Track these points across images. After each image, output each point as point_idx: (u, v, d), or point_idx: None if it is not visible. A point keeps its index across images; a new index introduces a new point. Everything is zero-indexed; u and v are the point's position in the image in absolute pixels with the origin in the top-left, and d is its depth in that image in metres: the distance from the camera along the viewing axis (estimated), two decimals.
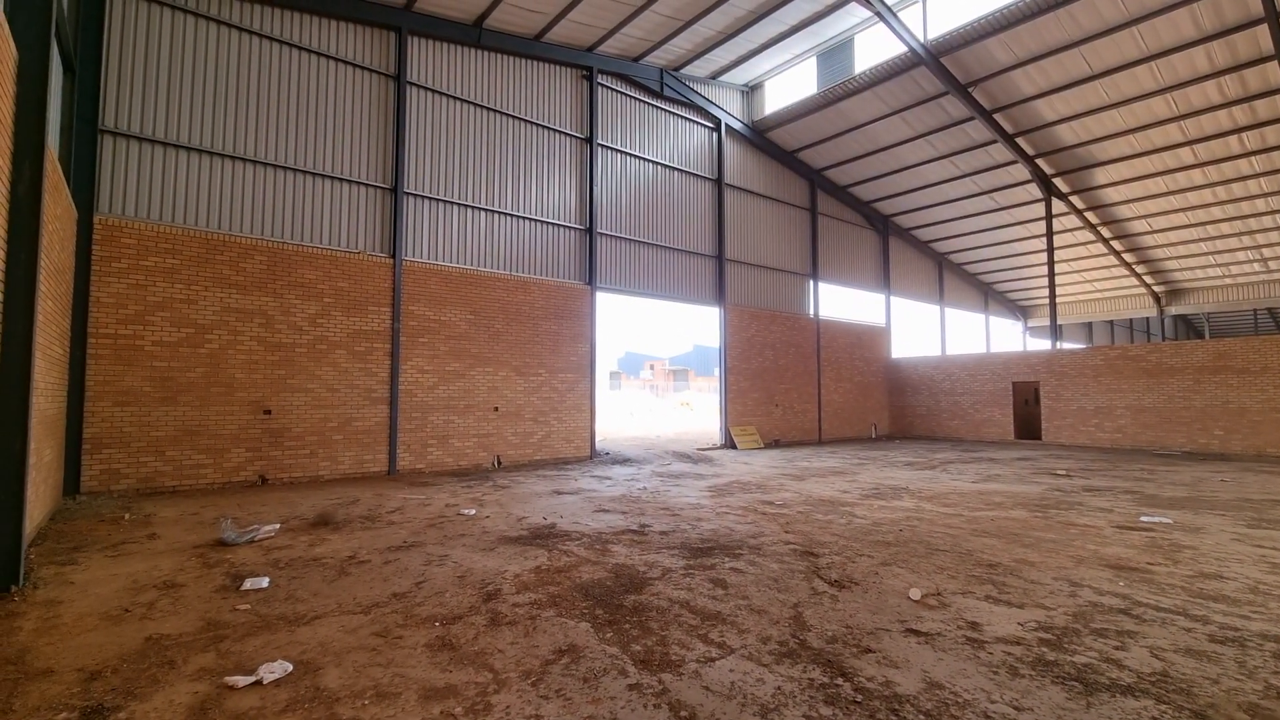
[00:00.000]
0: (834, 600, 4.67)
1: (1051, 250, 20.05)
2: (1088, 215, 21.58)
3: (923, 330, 25.85)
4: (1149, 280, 26.45)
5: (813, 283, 20.90)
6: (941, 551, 6.09)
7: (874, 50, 16.47)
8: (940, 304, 26.23)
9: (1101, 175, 19.33)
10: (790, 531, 6.99)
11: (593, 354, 15.03)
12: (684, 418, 35.72)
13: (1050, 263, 19.99)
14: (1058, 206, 20.80)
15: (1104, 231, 22.73)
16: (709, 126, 18.15)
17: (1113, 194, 20.27)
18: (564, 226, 14.75)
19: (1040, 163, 19.20)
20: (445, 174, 13.00)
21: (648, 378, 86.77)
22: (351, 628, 4.08)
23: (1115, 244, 23.61)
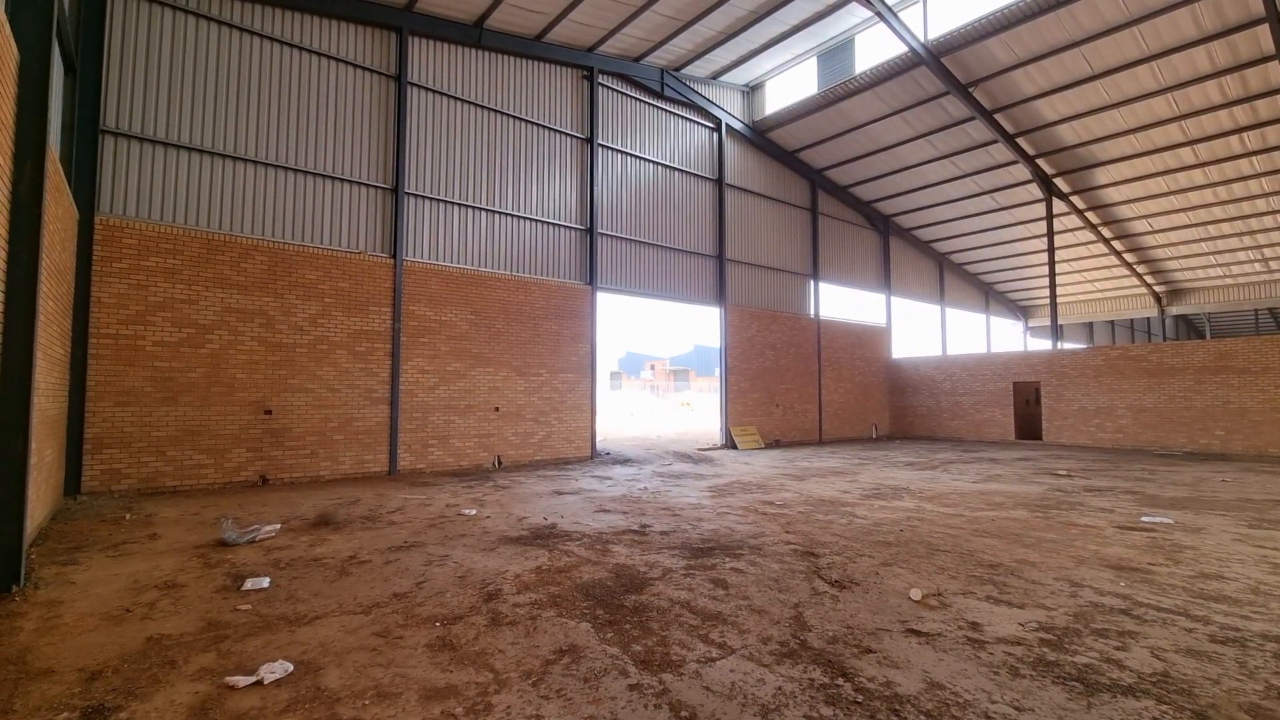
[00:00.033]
0: (835, 600, 4.66)
1: (1052, 250, 20.04)
2: (1088, 215, 21.57)
3: (923, 330, 25.82)
4: (1150, 280, 26.43)
5: (813, 283, 20.89)
6: (942, 552, 6.09)
7: (874, 50, 16.46)
8: (941, 304, 26.21)
9: (1102, 175, 19.32)
10: (791, 532, 6.99)
11: (593, 354, 15.03)
12: (684, 418, 35.70)
13: (1051, 263, 19.99)
14: (1058, 206, 20.79)
15: (1105, 231, 22.71)
16: (709, 127, 18.15)
17: (1113, 194, 20.26)
18: (564, 226, 14.75)
19: (1041, 163, 19.19)
20: (446, 174, 13.01)
21: (648, 378, 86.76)
22: (352, 628, 4.09)
23: (1116, 244, 23.60)
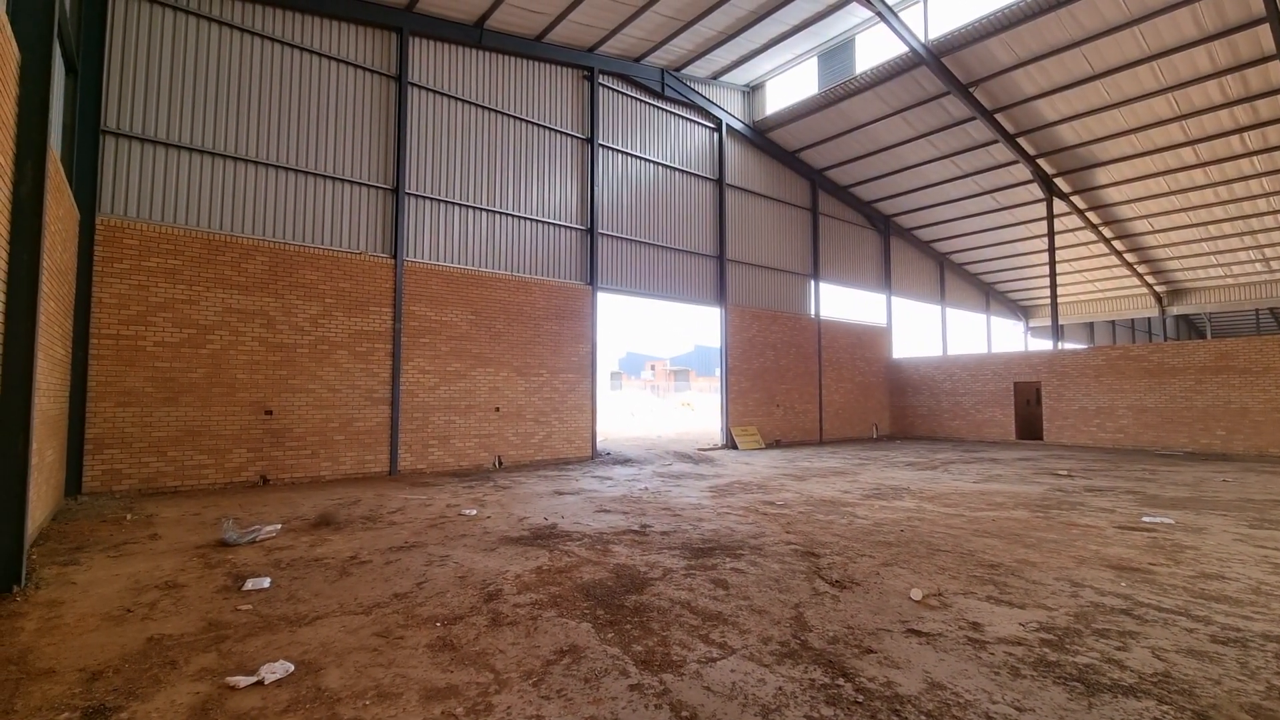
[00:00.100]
0: (835, 600, 4.66)
1: (1053, 250, 20.03)
2: (1089, 215, 21.56)
3: (924, 330, 25.81)
4: (1150, 280, 26.42)
5: (814, 283, 20.88)
6: (943, 552, 6.08)
7: (875, 50, 16.46)
8: (941, 304, 26.20)
9: (1103, 175, 19.31)
10: (791, 532, 6.99)
11: (594, 354, 15.03)
12: (685, 418, 35.69)
13: (1052, 263, 19.98)
14: (1059, 206, 20.78)
15: (1105, 231, 22.70)
16: (710, 127, 18.15)
17: (1114, 194, 20.25)
18: (565, 227, 14.75)
19: (1041, 163, 19.19)
20: (446, 174, 13.02)
21: (649, 378, 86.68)
22: (353, 628, 4.09)
23: (1117, 244, 23.58)
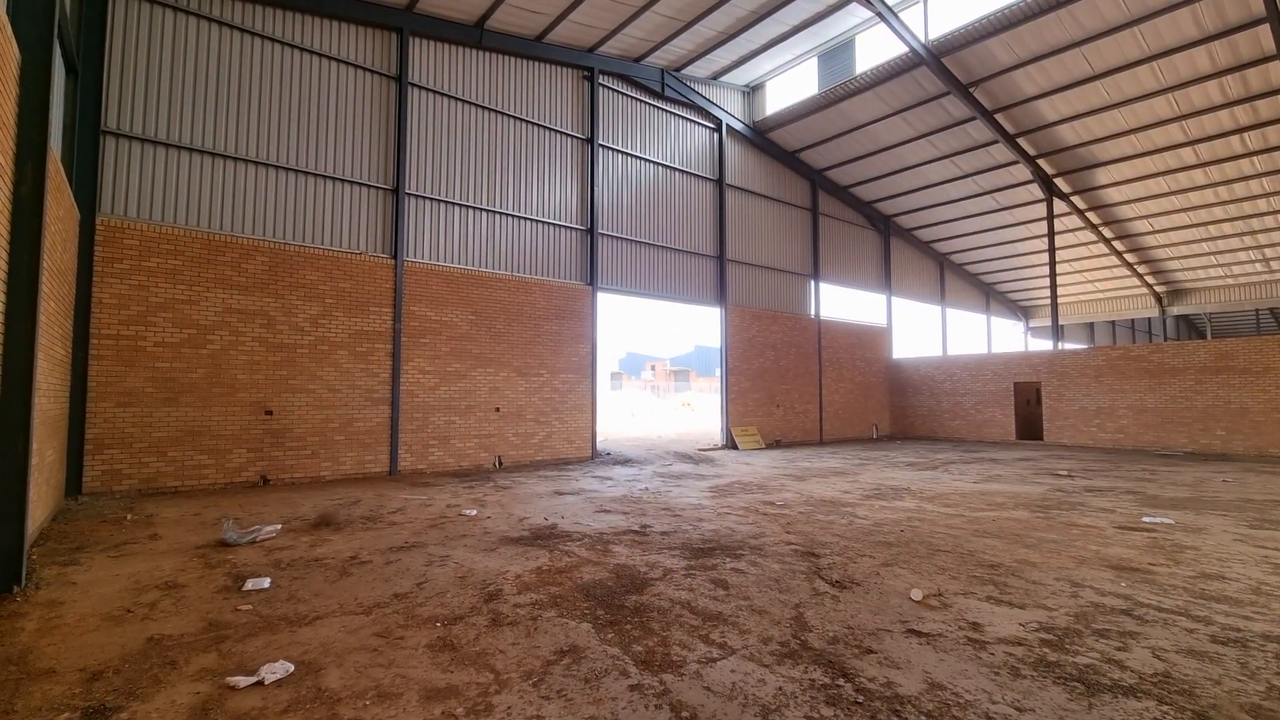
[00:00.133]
0: (835, 601, 4.66)
1: (1053, 250, 20.03)
2: (1089, 215, 21.56)
3: (924, 330, 25.81)
4: (1151, 280, 26.41)
5: (814, 283, 20.88)
6: (943, 552, 6.08)
7: (875, 51, 16.47)
8: (941, 304, 26.20)
9: (1103, 175, 19.31)
10: (791, 532, 6.99)
11: (594, 354, 15.03)
12: (685, 418, 35.68)
13: (1052, 263, 19.99)
14: (1059, 207, 20.78)
15: (1105, 232, 22.70)
16: (710, 127, 18.15)
17: (1114, 194, 20.25)
18: (565, 227, 14.75)
19: (1042, 163, 19.19)
20: (447, 175, 13.02)
21: (649, 378, 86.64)
22: (353, 628, 4.09)
23: (1117, 244, 23.58)
